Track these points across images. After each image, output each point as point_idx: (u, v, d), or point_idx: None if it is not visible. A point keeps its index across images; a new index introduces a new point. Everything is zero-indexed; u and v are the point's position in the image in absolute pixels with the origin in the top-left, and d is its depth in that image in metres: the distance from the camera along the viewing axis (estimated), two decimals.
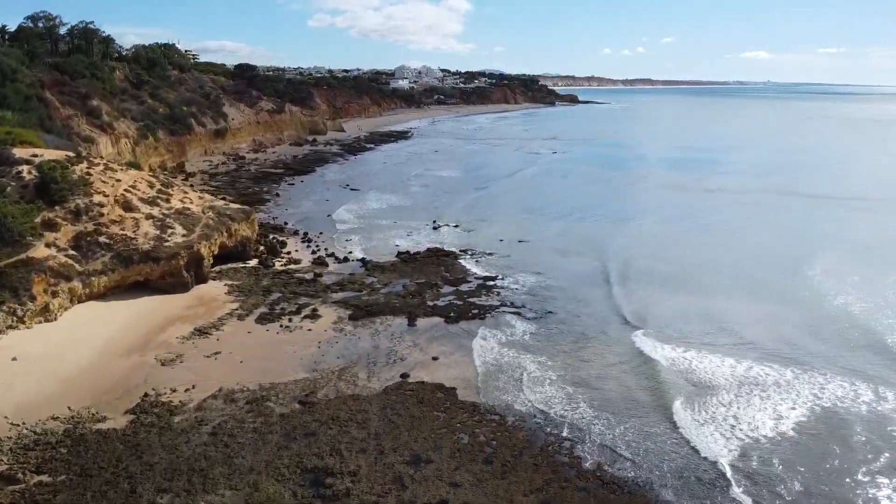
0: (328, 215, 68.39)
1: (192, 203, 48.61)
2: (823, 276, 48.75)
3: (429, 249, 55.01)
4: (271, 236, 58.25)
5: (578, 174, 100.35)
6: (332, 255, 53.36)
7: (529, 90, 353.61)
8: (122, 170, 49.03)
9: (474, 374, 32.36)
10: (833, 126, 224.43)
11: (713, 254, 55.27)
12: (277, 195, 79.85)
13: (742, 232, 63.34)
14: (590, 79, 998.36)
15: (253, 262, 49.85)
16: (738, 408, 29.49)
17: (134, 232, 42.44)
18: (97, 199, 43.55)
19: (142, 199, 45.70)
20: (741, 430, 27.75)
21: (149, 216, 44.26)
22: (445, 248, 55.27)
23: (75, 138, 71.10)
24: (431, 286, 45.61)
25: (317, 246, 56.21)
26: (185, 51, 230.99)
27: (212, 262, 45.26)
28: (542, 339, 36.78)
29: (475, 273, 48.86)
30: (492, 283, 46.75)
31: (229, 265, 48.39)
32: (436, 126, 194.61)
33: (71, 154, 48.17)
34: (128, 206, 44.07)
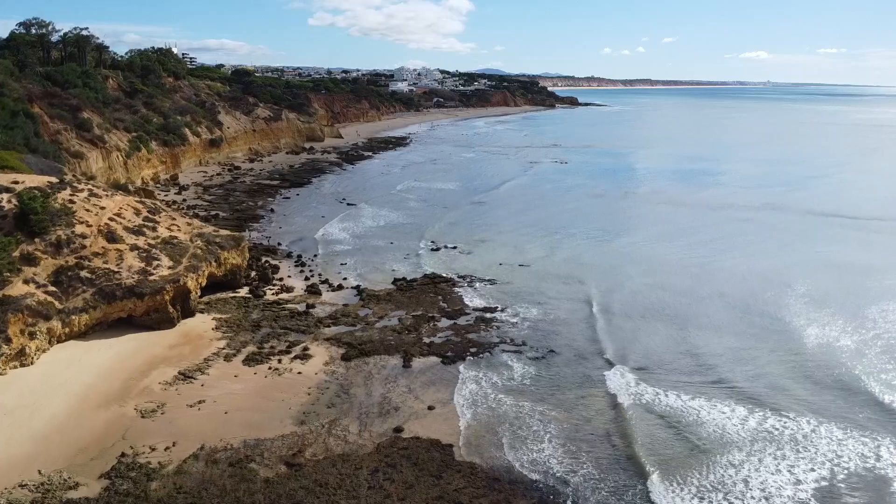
0: (323, 235, 66.65)
1: (179, 230, 46.84)
2: (828, 309, 47.01)
3: (426, 276, 53.25)
4: (264, 259, 56.56)
5: (579, 187, 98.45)
6: (325, 281, 51.59)
7: (529, 93, 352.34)
8: (107, 195, 47.21)
9: (471, 429, 30.57)
10: (838, 133, 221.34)
11: (716, 280, 53.38)
12: (272, 210, 78.04)
13: (744, 255, 61.38)
14: (589, 79, 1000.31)
15: (243, 291, 48.12)
16: (750, 469, 27.75)
17: (117, 265, 40.65)
18: (79, 229, 41.77)
19: (127, 229, 43.91)
20: (752, 497, 26.03)
21: (133, 247, 42.46)
22: (443, 275, 53.49)
23: (64, 154, 69.41)
24: (428, 319, 43.86)
25: (310, 271, 54.47)
26: (182, 55, 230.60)
27: (199, 293, 43.49)
28: (542, 384, 35.00)
29: (474, 304, 47.06)
30: (491, 315, 44.98)
31: (218, 295, 46.70)
32: (434, 131, 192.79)
33: (53, 180, 46.39)
34: (112, 237, 42.27)
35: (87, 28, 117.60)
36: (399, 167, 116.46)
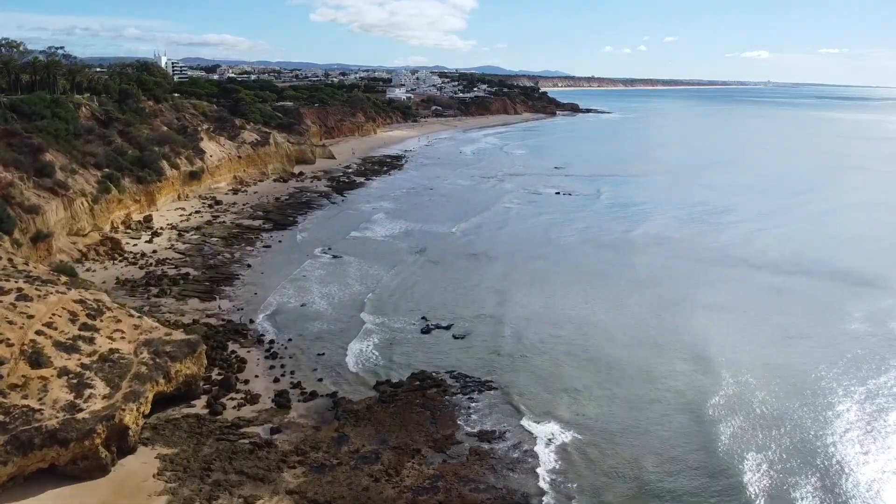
0: (302, 306, 59.87)
1: (123, 338, 40.07)
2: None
3: (414, 375, 46.58)
4: (230, 349, 49.91)
5: (584, 232, 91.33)
6: (297, 385, 44.93)
7: (530, 99, 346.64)
8: (39, 295, 40.40)
9: None
10: (876, 150, 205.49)
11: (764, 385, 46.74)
12: (249, 266, 71.15)
13: (781, 341, 54.73)
14: (590, 79, 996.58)
15: (200, 404, 41.42)
16: None
17: (39, 400, 33.87)
18: None
19: (58, 344, 37.16)
20: None
21: (62, 371, 35.68)
22: (433, 374, 46.78)
23: (15, 212, 62.51)
24: (413, 454, 37.17)
25: (282, 366, 47.78)
26: (172, 63, 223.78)
27: (140, 425, 36.70)
28: None
29: (468, 425, 40.37)
30: (488, 445, 38.33)
31: (169, 411, 40.09)
32: (432, 147, 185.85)
33: None
34: (37, 360, 35.49)
35: (62, 48, 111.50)
36: (391, 198, 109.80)
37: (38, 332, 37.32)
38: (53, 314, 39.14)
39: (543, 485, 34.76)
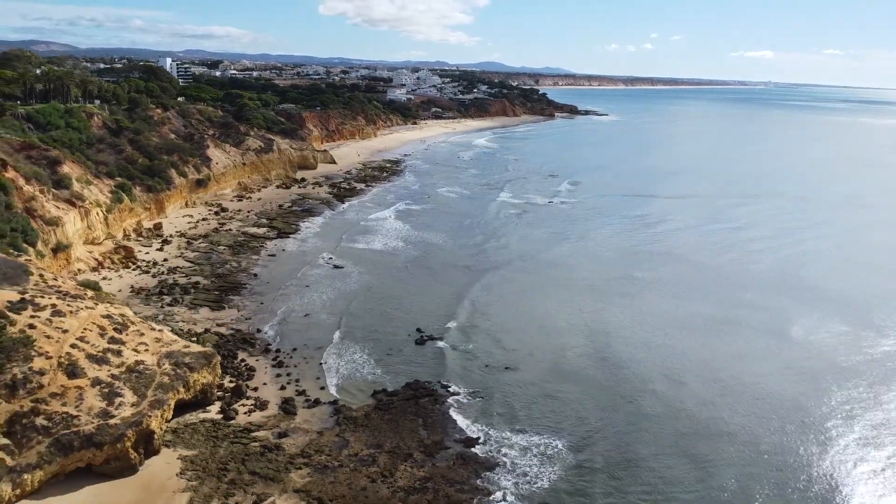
0: (306, 316, 64.29)
1: (147, 350, 44.50)
2: None
3: (408, 385, 51.16)
4: (240, 358, 54.43)
5: (577, 245, 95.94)
6: (302, 392, 49.46)
7: (528, 101, 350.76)
8: (71, 312, 44.81)
9: None
10: None
11: None
12: (255, 275, 75.60)
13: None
14: (590, 78, 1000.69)
15: (214, 410, 45.96)
16: None
17: (76, 407, 38.35)
18: (38, 364, 39.45)
19: (90, 356, 41.60)
20: None
21: (95, 381, 40.15)
22: (426, 383, 51.38)
23: (38, 224, 66.82)
24: (405, 457, 41.74)
25: (287, 374, 52.34)
26: (178, 64, 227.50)
27: (164, 429, 41.21)
28: None
29: (456, 431, 44.97)
30: (472, 450, 42.90)
31: (187, 416, 44.62)
32: (430, 151, 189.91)
33: (14, 297, 43.97)
34: (73, 371, 39.94)
35: (71, 57, 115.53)
36: (389, 206, 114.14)
37: (73, 346, 41.77)
38: (85, 329, 43.59)
39: (523, 488, 39.36)
